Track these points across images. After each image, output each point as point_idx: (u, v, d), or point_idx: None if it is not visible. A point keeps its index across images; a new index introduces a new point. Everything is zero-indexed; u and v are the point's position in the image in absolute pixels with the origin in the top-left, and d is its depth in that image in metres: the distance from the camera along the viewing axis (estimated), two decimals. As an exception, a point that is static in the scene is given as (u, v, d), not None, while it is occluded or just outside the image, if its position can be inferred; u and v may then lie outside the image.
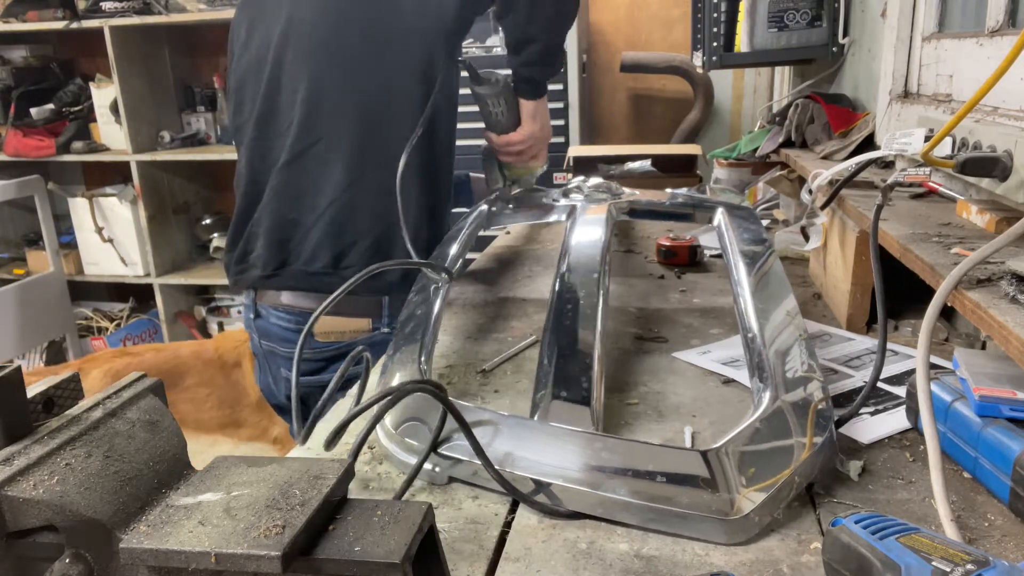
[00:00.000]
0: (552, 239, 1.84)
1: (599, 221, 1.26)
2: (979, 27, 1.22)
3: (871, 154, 1.17)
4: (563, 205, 1.44)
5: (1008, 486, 0.68)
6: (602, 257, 1.11)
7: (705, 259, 1.57)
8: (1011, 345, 0.67)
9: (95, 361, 2.33)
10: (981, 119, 1.07)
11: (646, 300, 1.35)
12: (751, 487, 0.70)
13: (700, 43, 2.16)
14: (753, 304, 1.00)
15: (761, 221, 1.36)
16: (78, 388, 0.56)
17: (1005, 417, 0.71)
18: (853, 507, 0.71)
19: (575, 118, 3.03)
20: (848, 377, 0.99)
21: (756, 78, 3.33)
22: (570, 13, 1.42)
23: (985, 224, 0.97)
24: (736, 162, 1.97)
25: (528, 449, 0.76)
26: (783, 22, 1.80)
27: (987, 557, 0.50)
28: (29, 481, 0.47)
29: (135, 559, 0.46)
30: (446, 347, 1.17)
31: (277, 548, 0.44)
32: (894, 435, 0.84)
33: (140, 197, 3.53)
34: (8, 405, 0.50)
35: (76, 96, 3.67)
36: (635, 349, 1.13)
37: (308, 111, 1.35)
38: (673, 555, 0.66)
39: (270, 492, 0.50)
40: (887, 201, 0.99)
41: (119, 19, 3.28)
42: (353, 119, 1.35)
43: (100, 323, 3.91)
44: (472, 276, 1.57)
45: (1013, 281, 0.75)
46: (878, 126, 1.47)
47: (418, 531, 0.48)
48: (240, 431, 2.37)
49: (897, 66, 1.44)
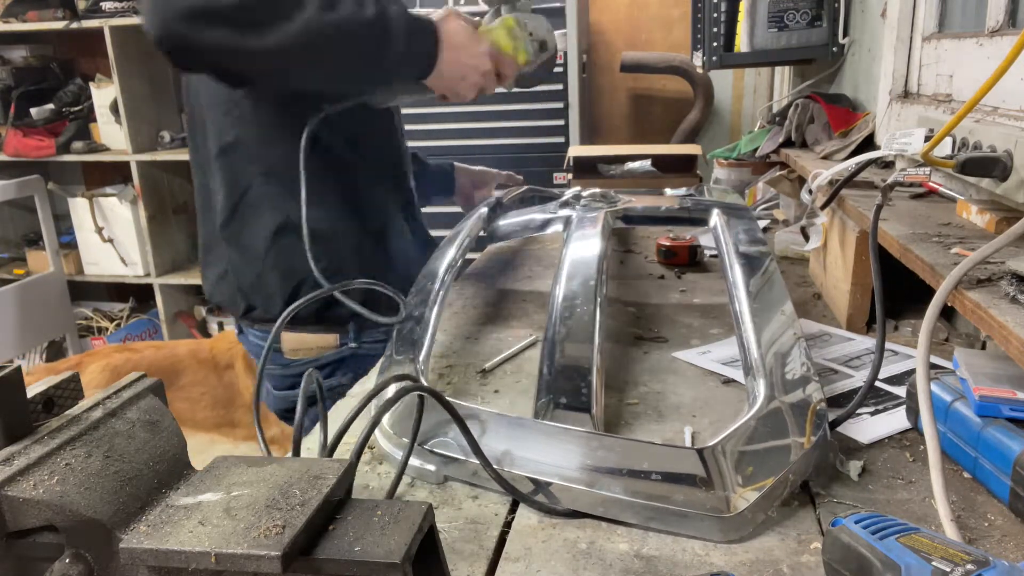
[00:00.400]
0: (552, 239, 1.84)
1: (595, 233, 1.26)
2: (979, 27, 1.22)
3: (871, 154, 1.17)
4: (560, 216, 1.43)
5: (1008, 486, 0.68)
6: (599, 268, 1.11)
7: (705, 259, 1.57)
8: (1011, 345, 0.67)
9: (94, 356, 2.34)
10: (981, 119, 1.07)
11: (646, 300, 1.35)
12: (747, 486, 0.70)
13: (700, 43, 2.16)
14: (749, 305, 1.00)
15: (758, 221, 1.36)
16: (78, 388, 0.56)
17: (1005, 417, 0.71)
18: (853, 507, 0.71)
19: (575, 118, 3.03)
20: (848, 377, 0.99)
21: (756, 78, 3.32)
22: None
23: (985, 224, 0.97)
24: (736, 162, 1.97)
25: (526, 448, 0.76)
26: (783, 22, 1.80)
27: (987, 557, 0.50)
28: (29, 481, 0.47)
29: (135, 559, 0.46)
30: (446, 347, 1.17)
31: (277, 548, 0.44)
32: (894, 435, 0.84)
33: (140, 197, 3.53)
34: (8, 405, 0.50)
35: (76, 96, 3.67)
36: (635, 349, 1.13)
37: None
38: (673, 555, 0.66)
39: (270, 492, 0.50)
40: (887, 201, 0.99)
41: (119, 19, 3.28)
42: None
43: (100, 323, 3.91)
44: (472, 276, 1.57)
45: (1013, 281, 0.75)
46: (878, 126, 1.47)
47: (418, 531, 0.48)
48: (236, 431, 2.38)
49: (897, 66, 1.44)
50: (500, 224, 1.51)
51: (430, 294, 1.11)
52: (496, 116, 3.07)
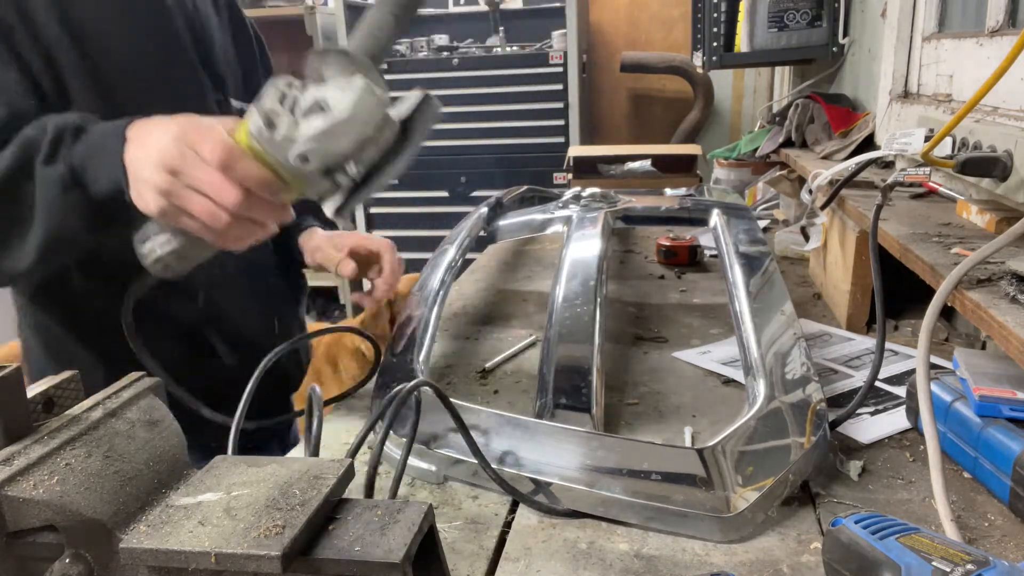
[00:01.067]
0: (552, 239, 1.84)
1: (595, 234, 1.26)
2: (979, 27, 1.21)
3: (871, 154, 1.17)
4: (560, 216, 1.43)
5: (1008, 486, 0.68)
6: (599, 268, 1.11)
7: (705, 259, 1.57)
8: (1011, 345, 0.67)
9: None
10: (981, 119, 1.07)
11: (646, 300, 1.35)
12: (747, 486, 0.70)
13: (700, 43, 2.16)
14: (748, 305, 1.00)
15: (757, 221, 1.36)
16: (78, 388, 0.56)
17: (1005, 417, 0.71)
18: (853, 507, 0.71)
19: (575, 118, 3.03)
20: (848, 377, 0.99)
21: (756, 78, 3.33)
22: None
23: (985, 224, 0.97)
24: (736, 162, 1.97)
25: (527, 448, 0.76)
26: (783, 22, 1.80)
27: (987, 557, 0.50)
28: (29, 481, 0.47)
29: (135, 559, 0.46)
30: (446, 347, 1.17)
31: (277, 548, 0.44)
32: (894, 435, 0.84)
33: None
34: (8, 405, 0.50)
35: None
36: (635, 349, 1.13)
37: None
38: (673, 555, 0.66)
39: (270, 492, 0.50)
40: (887, 201, 0.99)
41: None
42: None
43: (100, 323, 3.90)
44: (472, 276, 1.57)
45: (1013, 281, 0.75)
46: (878, 126, 1.47)
47: (418, 531, 0.48)
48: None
49: (897, 66, 1.44)
50: (500, 224, 1.51)
51: (430, 294, 1.11)
52: (496, 116, 3.07)
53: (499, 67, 3.05)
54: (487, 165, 3.11)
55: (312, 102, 0.59)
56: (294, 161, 0.60)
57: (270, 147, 0.60)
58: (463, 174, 3.11)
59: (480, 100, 3.05)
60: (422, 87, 0.63)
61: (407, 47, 3.17)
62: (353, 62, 0.61)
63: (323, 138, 0.59)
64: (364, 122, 0.59)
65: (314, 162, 0.60)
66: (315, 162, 0.60)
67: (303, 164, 0.60)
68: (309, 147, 0.59)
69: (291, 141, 0.60)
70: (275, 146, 0.60)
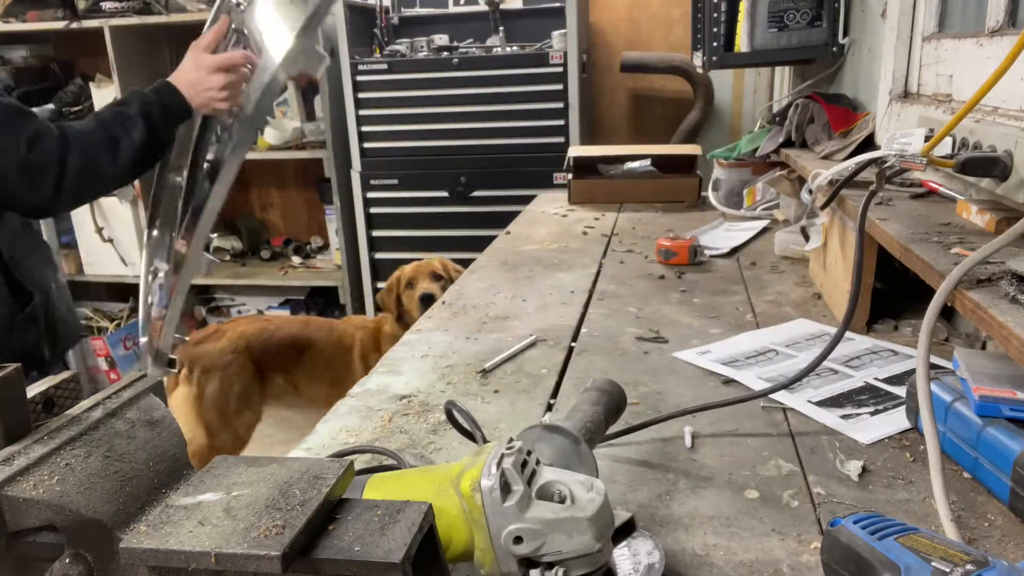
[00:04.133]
0: (552, 239, 1.84)
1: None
2: (979, 27, 1.21)
3: (871, 154, 1.17)
4: None
5: (1008, 486, 0.68)
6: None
7: (705, 259, 1.57)
8: (1011, 345, 0.67)
9: (234, 324, 2.40)
10: (981, 119, 1.07)
11: (646, 300, 1.35)
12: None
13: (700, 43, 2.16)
14: None
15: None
16: (78, 388, 0.56)
17: (1005, 417, 0.71)
18: (853, 507, 0.71)
19: (575, 118, 3.03)
20: (848, 377, 0.99)
21: (756, 78, 3.32)
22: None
23: (985, 224, 0.97)
24: (736, 162, 1.97)
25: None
26: (783, 22, 1.80)
27: (987, 557, 0.50)
28: (29, 481, 0.47)
29: (135, 559, 0.46)
30: (446, 347, 1.17)
31: (277, 548, 0.44)
32: (894, 435, 0.84)
33: (140, 197, 3.53)
34: (8, 405, 0.50)
35: (76, 96, 3.67)
36: (635, 349, 1.13)
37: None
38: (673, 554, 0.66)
39: (270, 492, 0.50)
40: (882, 187, 0.99)
41: (119, 19, 3.28)
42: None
43: (100, 323, 3.91)
44: (472, 276, 1.57)
45: (1013, 281, 0.75)
46: (878, 126, 1.47)
47: (418, 531, 0.48)
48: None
49: (897, 66, 1.44)
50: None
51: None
52: (496, 116, 3.07)
53: (499, 67, 3.05)
54: (487, 165, 3.10)
55: (555, 488, 0.53)
56: (504, 538, 0.51)
57: (492, 512, 0.52)
58: (463, 174, 3.10)
59: (480, 100, 3.04)
60: (422, 87, 0.62)
61: (407, 47, 3.17)
62: (582, 458, 0.59)
63: (551, 527, 0.51)
64: (597, 535, 0.51)
65: (526, 548, 0.51)
66: (526, 548, 0.51)
67: (511, 544, 0.51)
68: (530, 530, 0.51)
69: (516, 517, 0.51)
70: (498, 513, 0.52)
